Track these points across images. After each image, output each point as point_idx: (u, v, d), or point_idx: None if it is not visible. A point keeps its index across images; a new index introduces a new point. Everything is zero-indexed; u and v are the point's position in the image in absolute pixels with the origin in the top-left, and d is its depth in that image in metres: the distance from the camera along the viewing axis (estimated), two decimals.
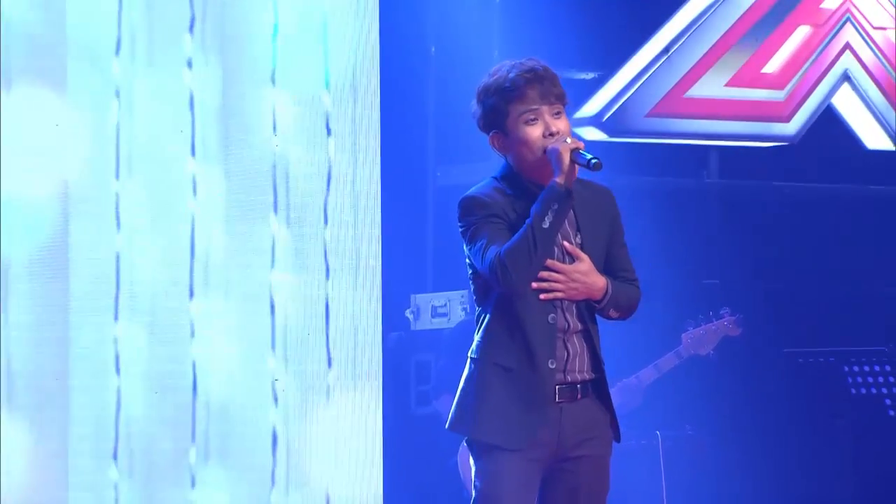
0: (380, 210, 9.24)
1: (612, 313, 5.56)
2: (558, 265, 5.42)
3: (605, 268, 5.55)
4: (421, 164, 9.56)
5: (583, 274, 5.44)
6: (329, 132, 9.16)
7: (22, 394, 8.55)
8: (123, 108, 8.75)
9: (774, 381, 8.83)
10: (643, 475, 8.17)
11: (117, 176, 8.75)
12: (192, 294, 8.87)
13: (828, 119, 9.55)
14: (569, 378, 5.45)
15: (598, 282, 5.46)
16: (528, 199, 5.41)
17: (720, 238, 9.45)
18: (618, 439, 5.56)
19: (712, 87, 9.37)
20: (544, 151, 5.41)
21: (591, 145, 9.10)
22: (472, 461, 5.56)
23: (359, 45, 9.23)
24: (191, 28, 8.88)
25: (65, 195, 8.64)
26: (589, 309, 5.51)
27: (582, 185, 5.54)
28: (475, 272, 5.54)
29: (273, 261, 9.03)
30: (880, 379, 8.54)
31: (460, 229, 5.51)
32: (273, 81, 9.02)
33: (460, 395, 5.55)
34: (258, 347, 8.99)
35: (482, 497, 5.48)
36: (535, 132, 5.44)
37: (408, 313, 9.36)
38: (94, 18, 8.73)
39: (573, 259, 5.44)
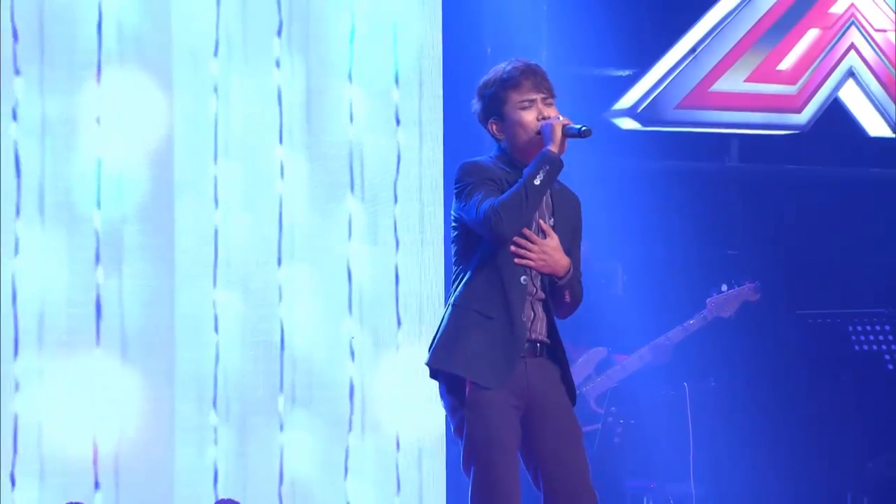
0: (442, 190, 9.23)
1: (567, 296, 5.54)
2: (533, 236, 5.44)
3: None
4: (478, 150, 9.56)
5: (552, 249, 5.45)
6: (398, 122, 9.20)
7: (135, 349, 8.62)
8: (221, 101, 8.82)
9: (787, 340, 8.82)
10: (673, 421, 8.17)
11: (215, 161, 8.81)
12: (279, 263, 8.91)
13: (835, 110, 9.52)
14: (532, 336, 5.47)
15: (563, 260, 5.47)
16: (518, 175, 5.40)
17: (740, 215, 9.45)
18: (572, 399, 5.55)
19: (733, 82, 9.35)
20: (538, 132, 5.42)
21: (627, 134, 9.25)
22: (445, 405, 5.51)
23: (424, 46, 9.25)
24: (279, 32, 8.94)
25: (171, 177, 8.72)
26: (550, 284, 5.50)
27: (562, 186, 5.58)
28: (461, 231, 5.53)
29: (350, 234, 9.08)
30: (880, 337, 8.52)
31: (456, 189, 5.50)
32: (350, 78, 9.07)
33: (442, 336, 5.50)
34: (337, 309, 9.04)
35: (474, 436, 5.38)
36: (529, 116, 5.45)
37: None
38: (195, 24, 8.79)
39: (545, 236, 5.46)
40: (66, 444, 8.44)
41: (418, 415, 9.13)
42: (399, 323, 9.18)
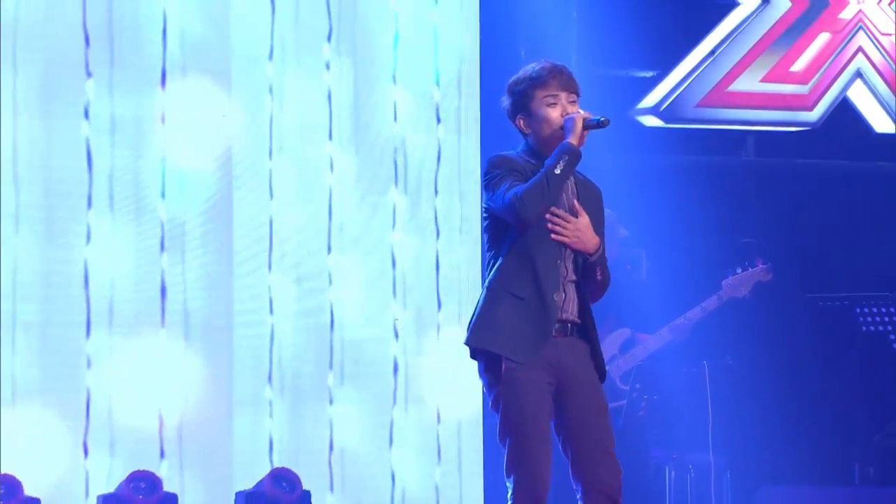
0: (479, 183, 9.05)
1: (598, 274, 5.52)
2: (567, 215, 5.41)
3: None
4: (512, 145, 9.61)
5: (585, 227, 5.42)
6: (439, 120, 9.23)
7: (196, 330, 8.69)
8: (275, 101, 8.87)
9: (799, 321, 8.81)
10: (693, 396, 8.10)
11: (270, 156, 8.86)
12: (329, 250, 8.96)
13: (843, 108, 9.48)
14: (563, 316, 5.44)
15: (594, 238, 5.44)
16: (543, 167, 5.39)
17: (755, 204, 9.40)
18: (601, 376, 5.54)
19: (749, 82, 9.33)
20: (561, 127, 5.39)
21: (651, 131, 9.25)
22: (483, 383, 5.48)
23: (462, 50, 9.28)
24: (329, 37, 8.99)
25: (229, 171, 8.78)
26: (582, 268, 5.47)
27: (585, 178, 5.56)
28: (491, 218, 5.50)
29: (394, 224, 9.12)
30: (886, 318, 8.52)
31: (485, 180, 5.47)
32: (394, 80, 9.11)
33: (479, 317, 5.47)
34: (382, 293, 9.07)
35: (509, 410, 5.38)
36: (554, 112, 5.41)
37: None
38: (252, 30, 8.84)
39: (577, 215, 5.42)
40: (133, 416, 8.51)
41: (457, 390, 9.13)
42: (439, 305, 9.21)
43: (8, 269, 8.32)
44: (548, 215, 5.40)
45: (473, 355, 5.51)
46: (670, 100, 9.26)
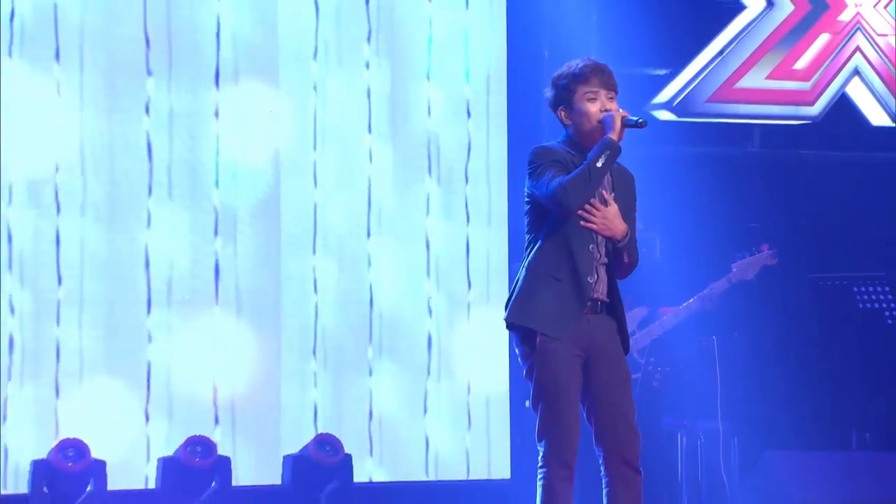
0: (506, 173, 9.26)
1: (625, 257, 5.50)
2: (597, 204, 5.40)
3: None
4: (537, 138, 9.49)
5: (613, 215, 5.42)
6: (469, 115, 9.24)
7: (247, 307, 8.74)
8: (319, 98, 8.90)
9: (801, 299, 8.77)
10: (703, 368, 8.12)
11: (315, 148, 8.90)
12: (368, 234, 8.98)
13: (843, 103, 9.46)
14: (594, 296, 5.44)
15: (622, 226, 5.43)
16: (582, 158, 5.39)
17: (761, 192, 9.37)
18: (625, 349, 5.54)
19: (755, 79, 9.31)
20: (600, 121, 5.39)
21: (664, 124, 9.18)
22: (520, 355, 5.48)
23: (491, 50, 9.28)
24: (368, 38, 9.02)
25: (277, 161, 8.82)
26: (613, 252, 5.47)
27: (619, 166, 5.56)
28: (533, 204, 5.48)
29: (428, 210, 9.14)
30: (881, 297, 8.51)
31: (529, 169, 5.45)
32: (428, 78, 9.13)
33: (517, 295, 5.46)
34: (417, 274, 9.10)
35: (542, 380, 5.42)
36: (593, 107, 5.41)
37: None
38: (298, 32, 8.87)
39: (607, 205, 5.43)
40: (190, 386, 8.57)
41: (486, 364, 9.17)
42: (469, 286, 9.22)
43: (76, 253, 8.39)
44: None
45: (510, 328, 5.52)
46: (682, 96, 9.25)
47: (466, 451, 9.17)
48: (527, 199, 5.54)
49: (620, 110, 5.44)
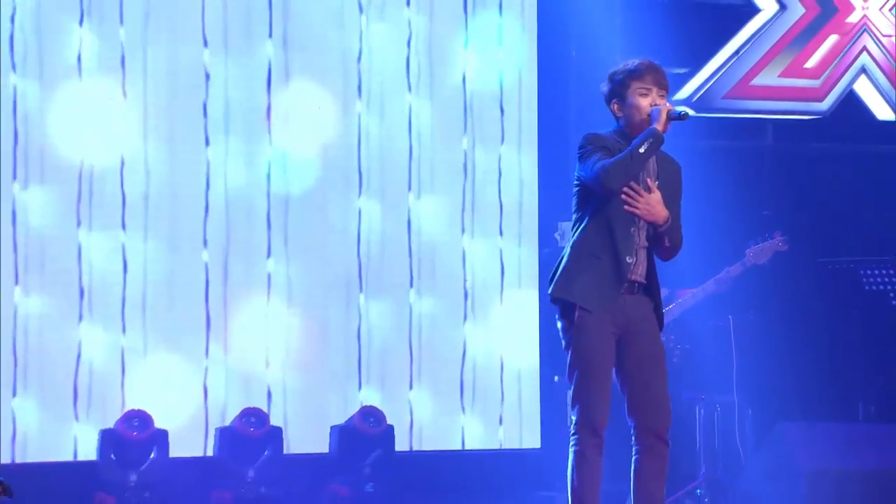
0: (537, 163, 9.30)
1: (666, 241, 5.50)
2: (640, 190, 5.42)
3: None
4: (565, 132, 9.38)
5: (655, 202, 5.42)
6: (502, 112, 9.28)
7: (297, 292, 8.79)
8: (363, 98, 8.94)
9: (811, 281, 8.70)
10: (720, 346, 8.09)
11: (358, 141, 8.93)
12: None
13: (850, 99, 9.43)
14: (632, 277, 5.46)
15: (663, 212, 5.43)
16: (629, 146, 5.43)
17: (773, 182, 9.35)
18: (660, 327, 5.55)
19: (769, 77, 9.29)
20: (649, 114, 5.43)
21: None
22: (560, 327, 5.48)
23: (523, 50, 9.31)
24: (408, 43, 9.04)
25: (325, 154, 8.86)
26: (653, 237, 5.49)
27: (666, 156, 5.58)
28: (581, 187, 5.49)
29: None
30: (886, 279, 8.43)
31: (579, 153, 5.48)
32: (464, 77, 9.17)
33: (561, 271, 5.50)
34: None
35: (577, 351, 5.44)
36: (644, 101, 5.47)
37: (556, 235, 9.18)
38: (345, 35, 8.91)
39: (650, 191, 5.45)
40: (245, 362, 8.65)
41: (518, 342, 9.22)
42: (502, 272, 9.22)
43: (140, 240, 8.43)
44: (625, 189, 5.42)
45: (553, 302, 5.54)
46: (701, 92, 9.25)
47: (500, 423, 9.21)
48: (575, 182, 5.57)
49: (667, 104, 5.48)
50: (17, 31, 8.24)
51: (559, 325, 5.53)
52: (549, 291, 5.55)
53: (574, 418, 5.48)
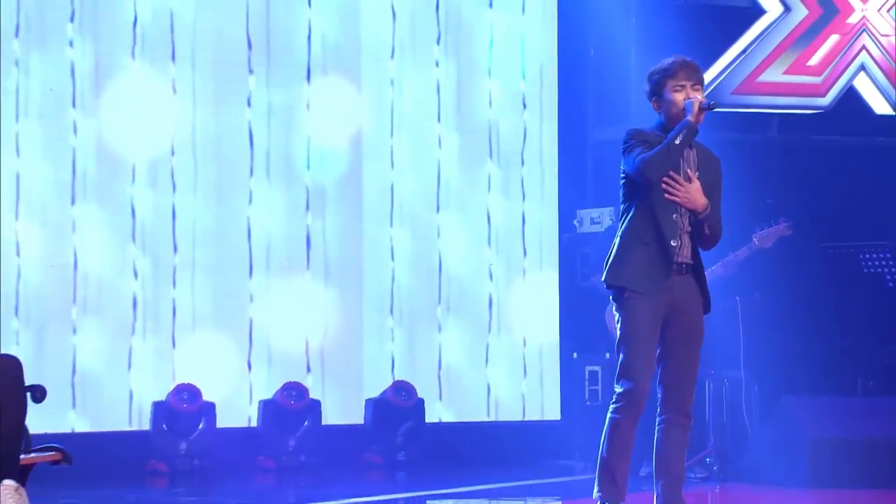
0: (557, 156, 9.33)
1: (706, 229, 5.47)
2: (681, 180, 5.41)
3: None
4: (583, 126, 9.39)
5: (695, 191, 5.41)
6: (525, 107, 9.31)
7: (334, 272, 8.82)
8: (395, 92, 8.97)
9: (813, 264, 8.62)
10: (728, 325, 8.00)
11: (391, 135, 8.98)
12: (438, 209, 9.07)
13: (850, 95, 9.37)
14: (678, 259, 5.43)
15: (702, 200, 5.42)
16: None
17: (778, 172, 9.30)
18: (707, 309, 5.52)
19: (774, 74, 9.24)
20: (683, 108, 5.41)
21: None
22: (614, 308, 5.48)
23: (544, 50, 9.32)
24: (438, 40, 9.09)
25: (359, 146, 8.88)
26: (694, 224, 5.46)
27: (707, 150, 5.58)
28: (626, 180, 5.49)
29: (489, 188, 9.23)
30: (883, 262, 8.38)
31: (623, 148, 5.47)
32: (489, 74, 9.21)
33: (613, 258, 5.49)
34: (480, 242, 9.18)
35: (626, 330, 5.43)
36: (679, 96, 5.44)
37: (575, 222, 9.20)
38: (377, 34, 8.95)
39: (690, 181, 5.43)
40: (286, 339, 8.68)
41: (539, 321, 9.24)
42: (525, 253, 9.31)
43: (189, 225, 8.48)
44: (665, 179, 5.41)
45: (607, 287, 5.53)
46: (711, 88, 9.16)
47: (522, 396, 9.25)
48: (622, 175, 5.56)
49: (699, 97, 5.46)
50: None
51: (614, 306, 5.53)
52: (603, 278, 5.56)
53: (619, 390, 5.46)
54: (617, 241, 5.54)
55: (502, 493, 7.47)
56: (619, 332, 5.47)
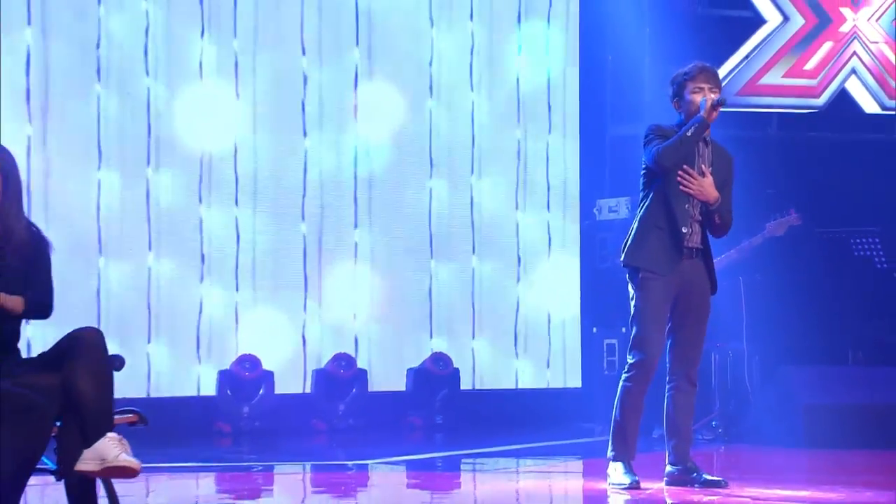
0: (579, 149, 9.33)
1: (717, 218, 5.52)
2: (694, 174, 5.46)
3: None
4: (601, 123, 9.37)
5: (707, 184, 5.48)
6: (550, 109, 9.31)
7: (378, 255, 8.85)
8: (434, 96, 9.00)
9: (809, 248, 8.55)
10: (732, 302, 7.95)
11: (430, 132, 9.00)
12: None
13: (842, 96, 9.34)
14: (688, 244, 5.50)
15: (714, 193, 5.48)
16: None
17: (778, 165, 9.24)
18: (714, 290, 5.58)
19: (775, 77, 9.22)
20: (700, 108, 5.46)
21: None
22: (630, 287, 5.52)
23: (566, 55, 9.35)
24: (471, 52, 9.11)
25: (399, 142, 8.92)
26: (706, 214, 5.51)
27: (721, 148, 5.61)
28: (646, 168, 5.54)
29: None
30: (872, 246, 8.39)
31: (644, 141, 5.52)
32: (518, 79, 9.22)
33: (631, 241, 5.54)
34: (507, 232, 9.18)
35: (640, 306, 5.47)
36: (697, 98, 5.51)
37: (595, 210, 9.15)
38: (420, 44, 8.96)
39: (703, 175, 5.50)
40: (335, 316, 8.69)
41: (561, 297, 9.26)
42: (549, 242, 9.27)
43: (250, 220, 8.53)
44: (680, 172, 5.45)
45: (625, 266, 5.57)
46: None
47: (547, 366, 9.27)
48: (642, 166, 5.60)
49: (712, 95, 5.50)
50: (150, 42, 8.34)
51: (630, 284, 5.54)
52: (621, 258, 5.58)
53: (631, 360, 5.50)
54: (635, 225, 5.57)
55: (529, 453, 7.50)
56: (633, 308, 5.49)
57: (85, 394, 3.94)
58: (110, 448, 3.93)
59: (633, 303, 5.52)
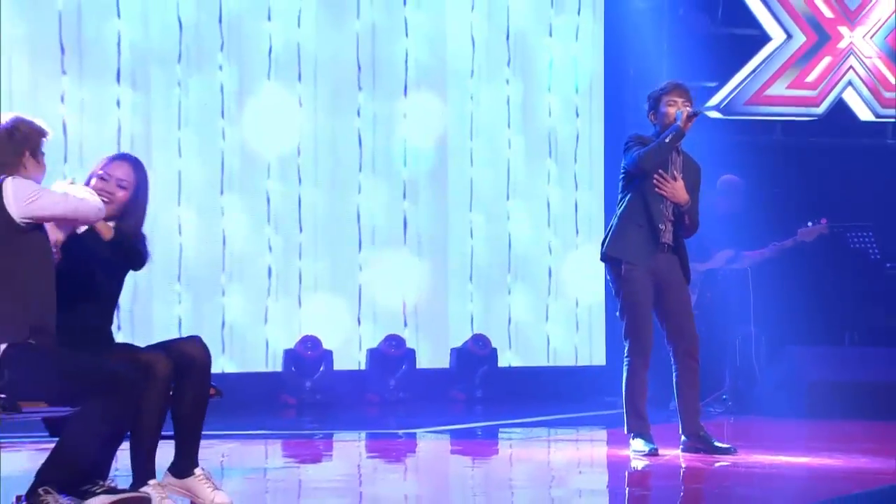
0: (603, 150, 9.24)
1: (687, 219, 5.56)
2: (668, 177, 5.51)
3: None
4: (625, 130, 9.33)
5: (679, 187, 5.52)
6: (577, 115, 9.25)
7: (425, 246, 8.77)
8: (474, 104, 8.95)
9: (811, 241, 8.19)
10: (740, 288, 7.91)
11: (471, 138, 8.95)
12: (507, 197, 9.01)
13: (840, 105, 9.23)
14: (662, 240, 5.55)
15: (685, 196, 5.53)
16: None
17: (781, 168, 9.15)
18: (687, 280, 5.58)
19: (779, 88, 9.14)
20: (675, 118, 5.51)
21: (714, 121, 8.93)
22: (611, 280, 5.53)
23: (592, 69, 9.26)
24: (508, 63, 9.09)
25: (444, 146, 8.87)
26: (677, 215, 5.54)
27: (689, 158, 5.62)
28: (625, 172, 5.58)
29: (549, 180, 9.17)
30: (866, 240, 8.33)
31: (624, 147, 5.59)
32: (549, 90, 9.18)
33: (610, 236, 5.59)
34: (541, 224, 9.13)
35: (626, 295, 5.49)
36: (672, 110, 5.57)
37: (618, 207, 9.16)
38: (459, 58, 8.92)
39: (676, 179, 5.54)
40: (388, 300, 8.70)
41: (589, 285, 9.18)
42: (577, 232, 9.26)
43: (311, 210, 8.49)
44: (656, 176, 5.49)
45: (604, 260, 5.64)
46: (727, 100, 9.12)
47: (575, 346, 9.24)
48: (622, 170, 5.66)
49: (688, 108, 5.55)
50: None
51: (609, 277, 5.62)
52: (603, 251, 5.63)
53: (626, 346, 5.58)
54: (615, 222, 5.62)
55: (559, 423, 7.52)
56: (620, 300, 5.54)
57: (185, 418, 4.02)
58: (202, 488, 4.00)
59: (618, 296, 5.55)
